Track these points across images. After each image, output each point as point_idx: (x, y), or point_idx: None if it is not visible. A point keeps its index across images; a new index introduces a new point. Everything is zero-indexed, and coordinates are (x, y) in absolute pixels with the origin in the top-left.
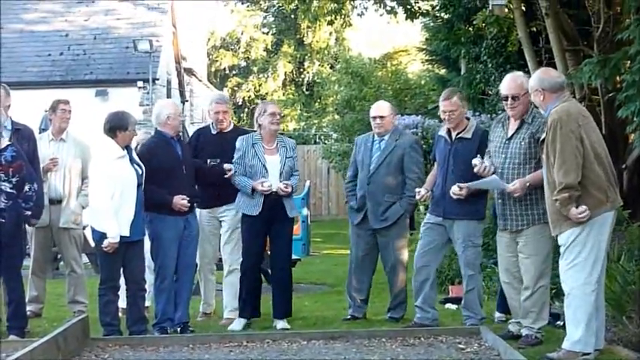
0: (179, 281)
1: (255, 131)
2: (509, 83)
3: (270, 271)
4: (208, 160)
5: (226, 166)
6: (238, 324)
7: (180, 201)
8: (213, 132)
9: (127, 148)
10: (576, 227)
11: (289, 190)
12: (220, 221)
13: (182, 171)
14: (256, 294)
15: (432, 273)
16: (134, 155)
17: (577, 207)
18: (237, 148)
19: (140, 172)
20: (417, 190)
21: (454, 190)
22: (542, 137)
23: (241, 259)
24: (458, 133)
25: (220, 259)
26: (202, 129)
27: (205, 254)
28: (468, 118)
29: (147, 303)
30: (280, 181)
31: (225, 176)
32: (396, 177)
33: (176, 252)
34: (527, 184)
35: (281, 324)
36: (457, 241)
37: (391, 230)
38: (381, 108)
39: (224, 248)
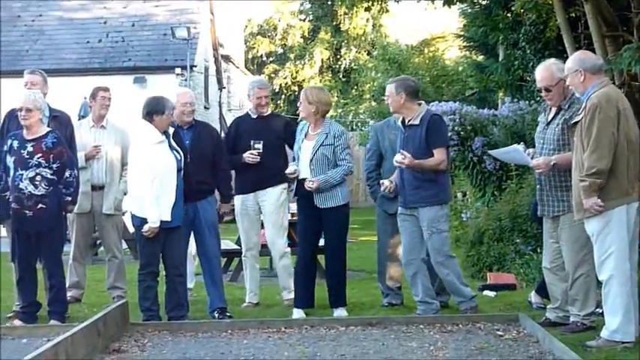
0: (205, 270)
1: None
2: (540, 74)
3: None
4: (252, 142)
5: (248, 156)
6: (297, 314)
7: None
8: (253, 116)
9: (166, 133)
10: (602, 216)
11: (313, 186)
12: (261, 206)
13: (186, 160)
14: (310, 283)
15: (420, 264)
16: (172, 141)
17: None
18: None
19: (179, 157)
20: (381, 182)
21: (397, 158)
22: (575, 120)
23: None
24: (408, 121)
25: (265, 245)
26: (241, 116)
27: (250, 241)
28: (419, 104)
29: (189, 285)
30: (311, 170)
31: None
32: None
33: (185, 240)
34: (553, 163)
35: (338, 312)
36: (423, 228)
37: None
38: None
39: (268, 233)
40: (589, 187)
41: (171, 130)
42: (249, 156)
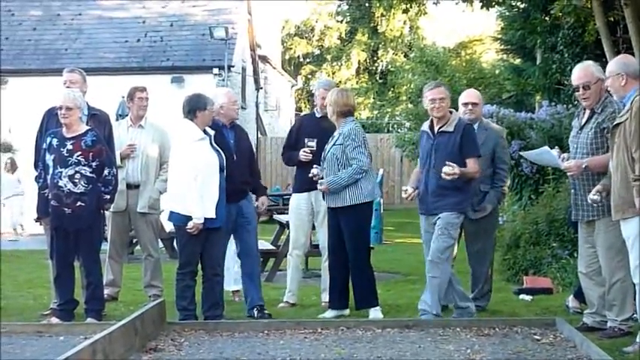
0: (244, 268)
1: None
2: (579, 73)
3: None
4: (306, 140)
5: (301, 153)
6: (330, 314)
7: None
8: (318, 115)
9: (206, 133)
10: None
11: (322, 188)
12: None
13: (232, 159)
14: (341, 284)
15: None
16: (213, 141)
17: None
18: None
19: (222, 156)
20: (403, 188)
21: (446, 170)
22: (616, 122)
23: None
24: (440, 127)
25: (316, 246)
26: (306, 114)
27: (298, 240)
28: (450, 112)
29: (236, 287)
30: (322, 170)
31: (315, 178)
32: (488, 166)
33: (226, 239)
34: (584, 165)
35: (373, 313)
36: (436, 228)
37: (483, 220)
38: (472, 95)
39: (321, 233)
40: None
41: (211, 132)
42: (303, 153)
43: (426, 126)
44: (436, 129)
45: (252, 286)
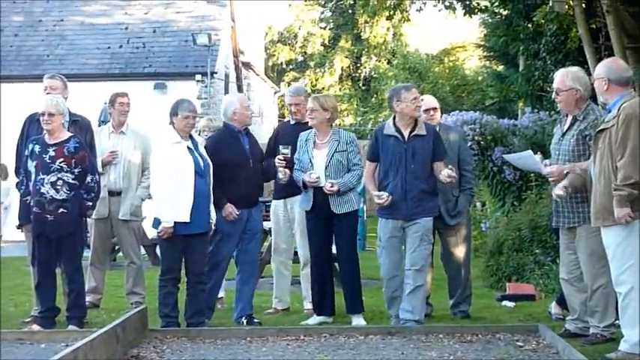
0: (240, 275)
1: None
2: (556, 77)
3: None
4: (280, 147)
5: (276, 161)
6: (313, 320)
7: (230, 210)
8: (292, 122)
9: (192, 138)
10: (622, 227)
11: (334, 189)
12: (292, 212)
13: (249, 164)
14: (326, 290)
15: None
16: (201, 147)
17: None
18: (297, 145)
19: (202, 162)
20: (376, 194)
21: (448, 173)
22: (601, 128)
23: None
24: (411, 131)
25: (296, 253)
26: (283, 122)
27: (279, 247)
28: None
29: (220, 294)
30: (326, 176)
31: (280, 181)
32: (456, 171)
33: (234, 246)
34: (566, 172)
35: (356, 321)
36: (414, 235)
37: (457, 224)
38: (432, 101)
39: (297, 240)
40: (626, 197)
41: (199, 139)
42: (277, 161)
43: (390, 129)
44: (406, 133)
45: (245, 294)
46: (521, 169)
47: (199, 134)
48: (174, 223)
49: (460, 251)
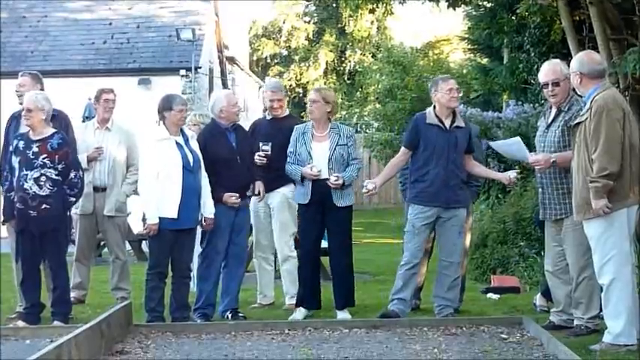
0: (227, 269)
1: (298, 123)
2: (548, 70)
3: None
4: (260, 144)
5: (256, 158)
6: (299, 314)
7: (230, 199)
8: (268, 118)
9: (183, 133)
10: (603, 219)
11: (339, 182)
12: (271, 207)
13: (236, 161)
14: (315, 284)
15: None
16: (192, 142)
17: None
18: (291, 138)
19: (192, 157)
20: (365, 182)
21: (511, 175)
22: (578, 121)
23: (294, 247)
24: (452, 121)
25: None
26: (259, 118)
27: (260, 243)
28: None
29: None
30: (329, 169)
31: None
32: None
33: (227, 239)
34: (552, 160)
35: (341, 315)
36: (452, 228)
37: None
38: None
39: (274, 235)
40: (601, 188)
41: (190, 133)
42: (257, 158)
43: (433, 119)
44: (448, 122)
45: (232, 289)
46: (507, 157)
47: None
48: (163, 218)
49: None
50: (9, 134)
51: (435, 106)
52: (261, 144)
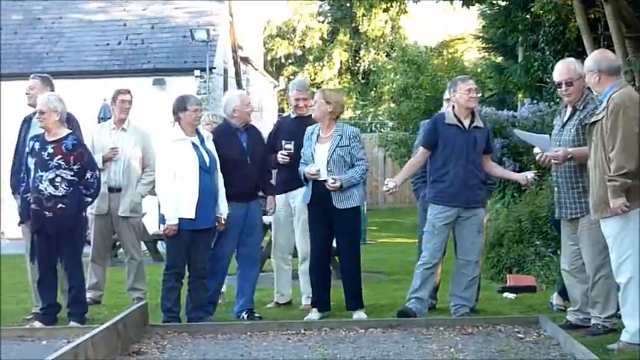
0: (241, 270)
1: None
2: (561, 69)
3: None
4: (283, 142)
5: (279, 156)
6: (315, 314)
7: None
8: (292, 116)
9: (198, 133)
10: (620, 218)
11: (337, 185)
12: (293, 207)
13: (246, 161)
14: (324, 285)
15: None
16: (207, 142)
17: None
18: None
19: (208, 158)
20: (387, 181)
21: (528, 175)
22: (593, 120)
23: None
24: (471, 122)
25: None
26: (284, 116)
27: (278, 242)
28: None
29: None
30: (328, 171)
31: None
32: None
33: (235, 239)
34: (569, 155)
35: (357, 315)
36: (471, 226)
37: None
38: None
39: (296, 235)
40: (619, 187)
41: (205, 134)
42: (280, 156)
43: (452, 119)
44: (467, 123)
45: (247, 290)
46: (528, 142)
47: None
48: (180, 219)
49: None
50: (21, 136)
51: (453, 106)
52: (284, 142)
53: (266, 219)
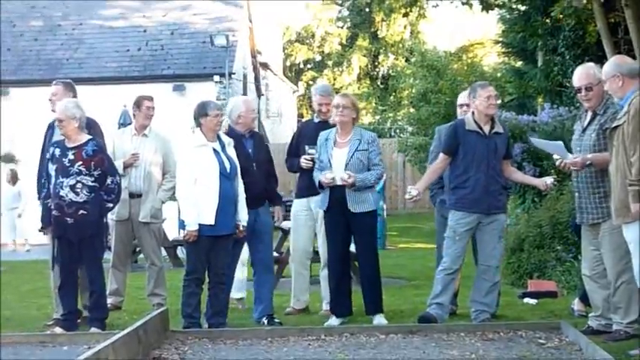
0: (256, 276)
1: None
2: (581, 74)
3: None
4: (306, 147)
5: (302, 161)
6: (335, 320)
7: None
8: (316, 121)
9: (219, 139)
10: None
11: (350, 181)
12: (315, 212)
13: (252, 168)
14: (344, 291)
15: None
16: (229, 148)
17: None
18: (317, 144)
19: (228, 164)
20: (409, 189)
21: (548, 181)
22: (614, 125)
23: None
24: (491, 128)
25: (317, 252)
26: (306, 120)
27: (297, 247)
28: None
29: (241, 295)
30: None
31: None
32: None
33: (241, 248)
34: (588, 162)
35: (377, 320)
36: (492, 232)
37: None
38: (466, 95)
39: (319, 240)
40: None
41: (227, 140)
42: (303, 161)
43: (472, 125)
44: (487, 129)
45: (264, 295)
46: (546, 150)
47: None
48: (200, 225)
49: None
50: (46, 142)
51: (473, 112)
52: (307, 147)
53: (287, 224)
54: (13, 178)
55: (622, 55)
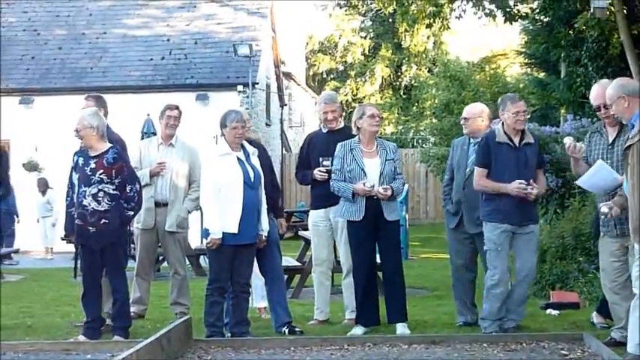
0: (268, 285)
1: (354, 136)
2: (598, 92)
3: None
4: (320, 159)
5: (317, 173)
6: (359, 329)
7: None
8: (324, 131)
9: (244, 148)
10: None
11: (389, 193)
12: (334, 222)
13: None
14: (372, 300)
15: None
16: (252, 158)
17: None
18: (335, 155)
19: (252, 173)
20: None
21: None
22: (628, 144)
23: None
24: (521, 139)
25: (338, 262)
26: (314, 132)
27: (319, 257)
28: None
29: (263, 304)
30: (380, 184)
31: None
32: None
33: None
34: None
35: (400, 330)
36: (527, 242)
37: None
38: (468, 109)
39: (340, 249)
40: None
41: (251, 149)
42: (318, 173)
43: (502, 137)
44: (517, 140)
45: (278, 305)
46: (599, 191)
47: None
48: (223, 233)
49: None
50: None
51: (503, 124)
52: (321, 159)
53: (306, 234)
54: (43, 187)
55: (621, 77)
